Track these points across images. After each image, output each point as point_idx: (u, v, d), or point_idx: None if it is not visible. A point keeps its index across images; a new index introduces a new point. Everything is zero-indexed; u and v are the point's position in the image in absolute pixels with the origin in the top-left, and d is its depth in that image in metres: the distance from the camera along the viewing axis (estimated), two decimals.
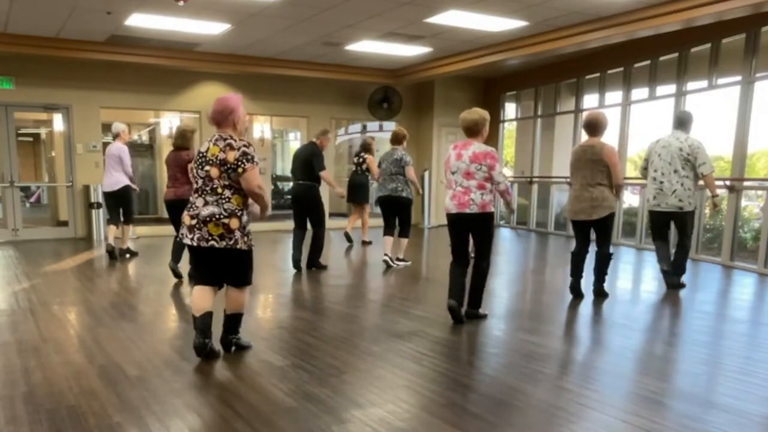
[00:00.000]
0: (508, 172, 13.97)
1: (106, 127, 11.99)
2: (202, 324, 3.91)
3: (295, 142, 16.40)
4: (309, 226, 7.55)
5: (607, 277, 5.95)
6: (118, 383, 3.53)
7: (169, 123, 13.63)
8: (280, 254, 8.86)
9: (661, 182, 6.21)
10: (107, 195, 8.31)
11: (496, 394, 3.45)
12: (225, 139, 3.86)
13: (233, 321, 4.12)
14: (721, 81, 8.49)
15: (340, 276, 7.39)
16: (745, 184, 8.28)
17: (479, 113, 5.01)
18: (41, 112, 11.12)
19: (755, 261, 7.74)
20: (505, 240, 11.27)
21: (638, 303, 6.17)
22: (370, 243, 9.83)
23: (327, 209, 12.70)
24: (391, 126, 13.40)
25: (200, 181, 3.91)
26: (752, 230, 8.70)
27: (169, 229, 10.10)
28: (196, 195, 3.93)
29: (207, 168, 3.86)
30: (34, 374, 3.68)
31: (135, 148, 14.57)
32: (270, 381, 3.61)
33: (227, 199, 3.84)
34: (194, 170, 3.99)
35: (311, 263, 7.50)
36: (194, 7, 7.37)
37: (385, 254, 7.73)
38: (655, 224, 6.48)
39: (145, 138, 15.49)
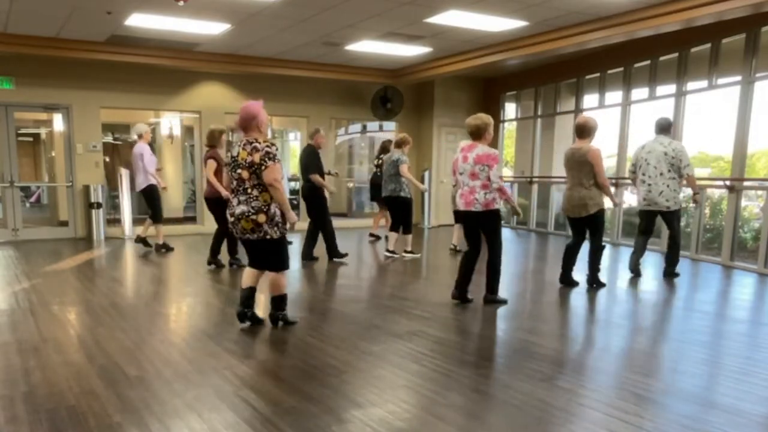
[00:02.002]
0: (508, 172, 13.97)
1: (106, 127, 12.02)
2: (243, 294, 4.69)
3: (295, 142, 16.39)
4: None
5: (600, 268, 6.40)
6: (118, 383, 3.53)
7: (169, 123, 13.63)
8: None
9: (650, 185, 6.76)
10: (140, 194, 8.96)
11: (496, 394, 3.45)
12: (251, 143, 4.38)
13: (277, 301, 4.74)
14: (721, 81, 8.49)
15: (341, 276, 7.40)
16: (745, 184, 8.28)
17: (482, 119, 5.45)
18: (41, 112, 11.12)
19: (755, 261, 7.74)
20: (505, 240, 11.22)
21: (638, 303, 6.17)
22: (378, 238, 10.24)
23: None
24: (391, 126, 13.42)
25: (235, 183, 4.48)
26: (752, 230, 8.69)
27: (176, 229, 10.14)
28: (233, 195, 4.53)
29: (239, 171, 4.40)
30: (34, 374, 3.68)
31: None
32: (270, 381, 3.61)
33: (255, 198, 4.39)
34: (229, 173, 4.54)
35: (305, 255, 8.01)
36: (194, 7, 7.37)
37: (387, 249, 8.40)
38: (644, 221, 7.06)
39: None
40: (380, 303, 5.96)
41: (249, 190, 4.39)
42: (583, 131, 6.15)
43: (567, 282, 6.42)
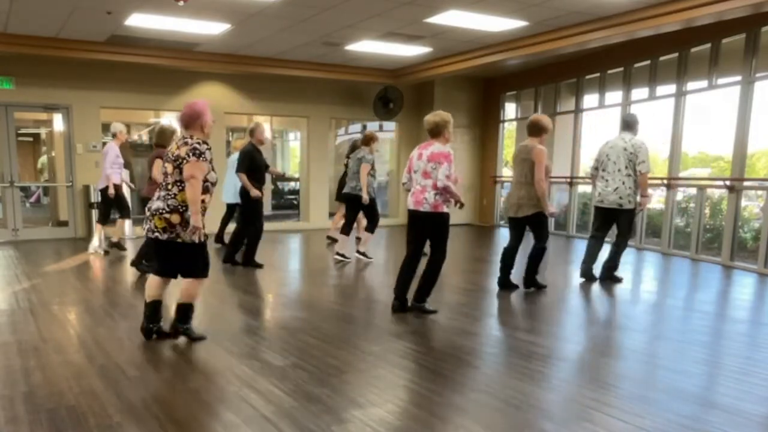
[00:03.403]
0: (508, 172, 13.96)
1: (106, 127, 11.99)
2: (149, 310, 4.36)
3: (295, 142, 16.40)
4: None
5: (540, 270, 6.29)
6: (118, 383, 3.54)
7: (169, 123, 13.62)
8: (280, 254, 8.86)
9: (607, 180, 6.56)
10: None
11: (496, 393, 3.45)
12: (184, 138, 4.21)
13: (182, 311, 4.38)
14: (721, 81, 8.49)
15: (340, 276, 7.40)
16: (745, 184, 8.28)
17: (440, 116, 5.21)
18: (41, 112, 11.11)
19: (755, 261, 7.74)
20: (504, 240, 11.25)
21: (638, 303, 6.17)
22: (335, 241, 9.52)
23: (327, 209, 12.88)
24: (391, 126, 13.43)
25: (161, 177, 4.31)
26: (752, 230, 8.69)
27: None
28: (157, 190, 4.30)
29: (166, 165, 4.23)
30: (34, 374, 3.68)
31: (135, 148, 14.59)
32: (270, 381, 3.61)
33: (173, 196, 4.15)
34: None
35: (246, 261, 7.48)
36: (194, 7, 7.37)
37: (338, 252, 8.01)
38: (596, 219, 6.85)
39: (145, 138, 15.49)
40: (380, 303, 5.97)
41: (169, 187, 4.16)
42: (533, 129, 6.02)
43: (505, 285, 6.24)
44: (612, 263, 6.72)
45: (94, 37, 9.26)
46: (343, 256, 7.98)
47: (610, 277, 6.72)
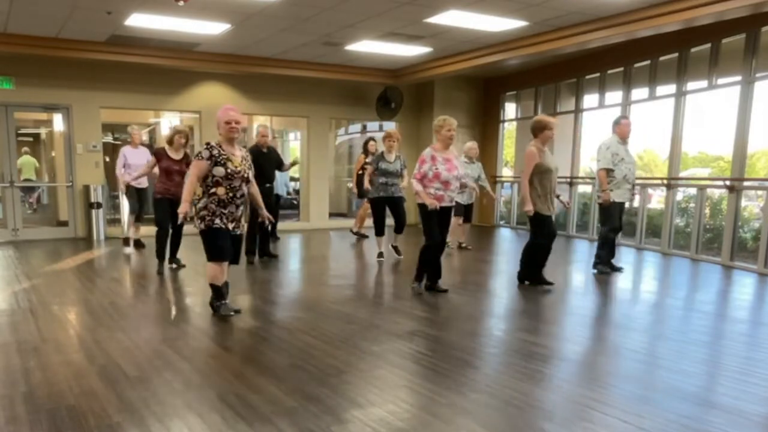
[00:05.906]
0: (507, 172, 13.95)
1: (106, 127, 12.01)
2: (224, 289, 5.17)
3: (295, 142, 16.39)
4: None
5: (544, 264, 6.49)
6: (118, 383, 3.53)
7: (169, 123, 13.63)
8: (280, 254, 8.85)
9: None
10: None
11: (496, 394, 3.45)
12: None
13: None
14: (721, 81, 8.49)
15: (340, 276, 7.39)
16: (745, 184, 8.28)
17: (436, 121, 6.09)
18: (41, 112, 11.12)
19: (755, 261, 7.74)
20: (504, 240, 11.26)
21: (638, 303, 6.17)
22: (365, 237, 10.20)
23: (327, 209, 12.90)
24: (391, 126, 13.42)
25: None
26: (752, 230, 8.69)
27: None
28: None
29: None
30: (34, 374, 3.68)
31: None
32: (270, 381, 3.61)
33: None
34: None
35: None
36: (194, 7, 7.37)
37: (391, 244, 8.38)
38: None
39: (145, 138, 15.48)
40: (380, 303, 5.97)
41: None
42: (532, 130, 6.33)
43: (537, 281, 6.46)
44: (598, 252, 7.24)
45: (94, 37, 9.25)
46: (380, 255, 8.26)
47: (600, 269, 7.18)
